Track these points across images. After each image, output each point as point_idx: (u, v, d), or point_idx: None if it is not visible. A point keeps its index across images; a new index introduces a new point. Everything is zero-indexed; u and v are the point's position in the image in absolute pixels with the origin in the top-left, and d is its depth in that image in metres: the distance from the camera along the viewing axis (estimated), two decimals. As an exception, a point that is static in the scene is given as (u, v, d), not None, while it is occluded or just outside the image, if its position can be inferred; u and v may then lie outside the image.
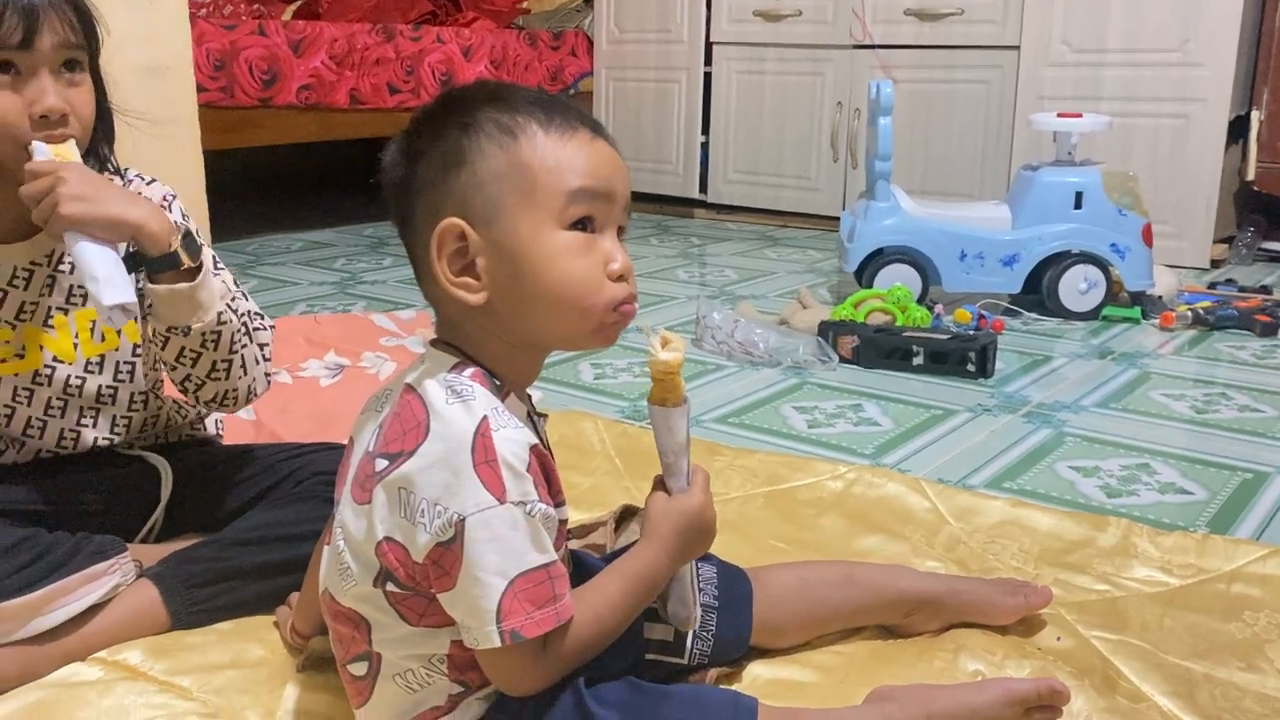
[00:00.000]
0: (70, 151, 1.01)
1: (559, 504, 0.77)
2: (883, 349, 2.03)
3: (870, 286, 2.39)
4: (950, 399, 1.85)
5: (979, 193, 3.23)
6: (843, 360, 2.05)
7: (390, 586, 0.75)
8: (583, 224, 0.76)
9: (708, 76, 3.83)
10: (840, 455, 1.57)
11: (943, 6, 3.27)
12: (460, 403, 0.73)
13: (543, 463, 0.74)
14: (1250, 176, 2.96)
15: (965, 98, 3.29)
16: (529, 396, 0.86)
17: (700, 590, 0.93)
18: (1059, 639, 1.04)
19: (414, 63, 3.46)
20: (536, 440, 0.75)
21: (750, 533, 1.28)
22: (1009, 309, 2.44)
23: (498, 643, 0.70)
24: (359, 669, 0.80)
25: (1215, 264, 2.98)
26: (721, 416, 1.76)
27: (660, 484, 0.84)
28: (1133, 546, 1.22)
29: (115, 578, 1.04)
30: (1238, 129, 2.93)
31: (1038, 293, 2.43)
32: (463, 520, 0.70)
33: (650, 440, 1.65)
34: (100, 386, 1.14)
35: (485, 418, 0.72)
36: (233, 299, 1.10)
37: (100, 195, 0.97)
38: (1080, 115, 2.43)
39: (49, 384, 1.11)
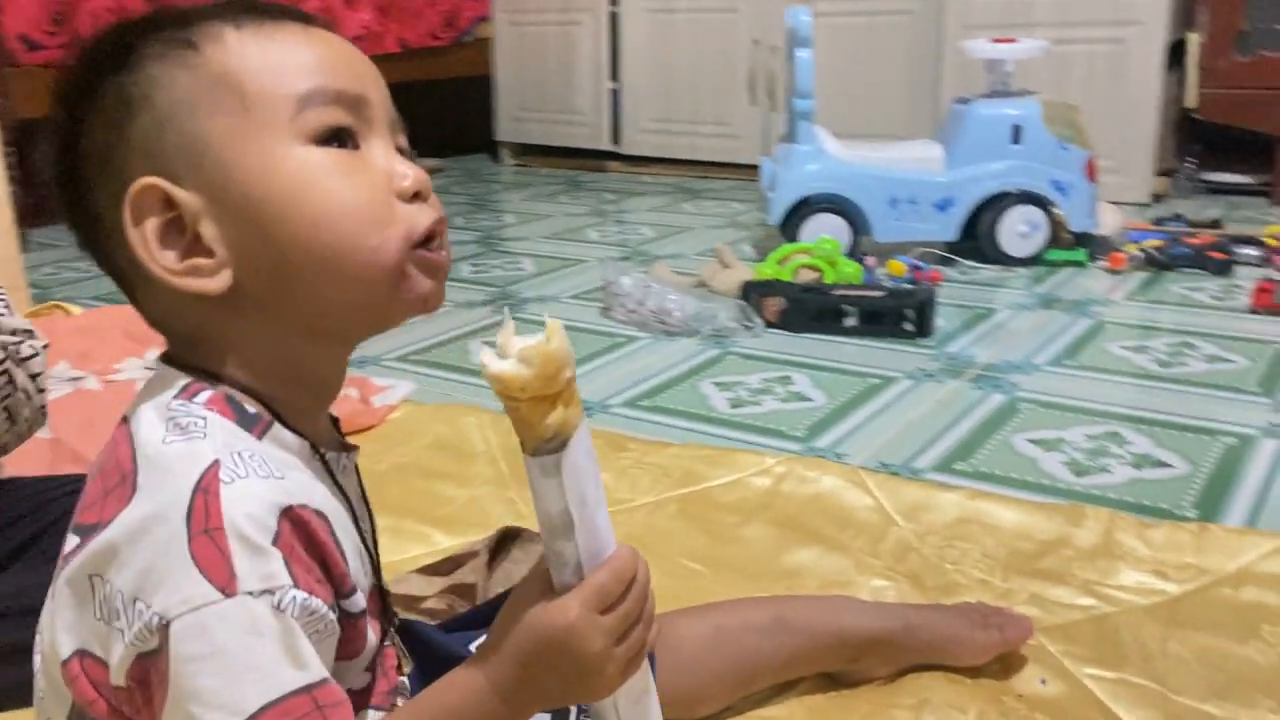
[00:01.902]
0: None
1: (345, 594, 0.52)
2: (812, 310, 1.81)
3: (795, 240, 2.17)
4: (888, 364, 1.64)
5: (906, 131, 3.00)
6: (768, 325, 1.82)
7: None
8: (336, 138, 0.52)
9: (614, 17, 3.55)
10: (768, 441, 1.35)
11: (861, -69, 3.04)
12: (183, 441, 0.49)
13: (307, 531, 0.49)
14: (1191, 104, 2.78)
15: (888, 29, 3.07)
16: (333, 423, 0.61)
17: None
18: (1044, 682, 0.82)
19: (288, 11, 3.12)
20: (301, 499, 0.49)
21: (659, 550, 1.05)
22: (944, 257, 2.23)
23: None
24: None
25: (1156, 198, 2.81)
26: (631, 399, 1.52)
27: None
28: (1117, 545, 1.02)
29: None
30: (1175, 54, 2.74)
31: (975, 238, 2.23)
32: (166, 625, 0.45)
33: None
34: None
35: (215, 464, 0.47)
36: None
37: None
38: (1015, 40, 2.22)
39: None
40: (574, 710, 0.69)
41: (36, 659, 0.54)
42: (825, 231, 2.15)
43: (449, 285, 0.57)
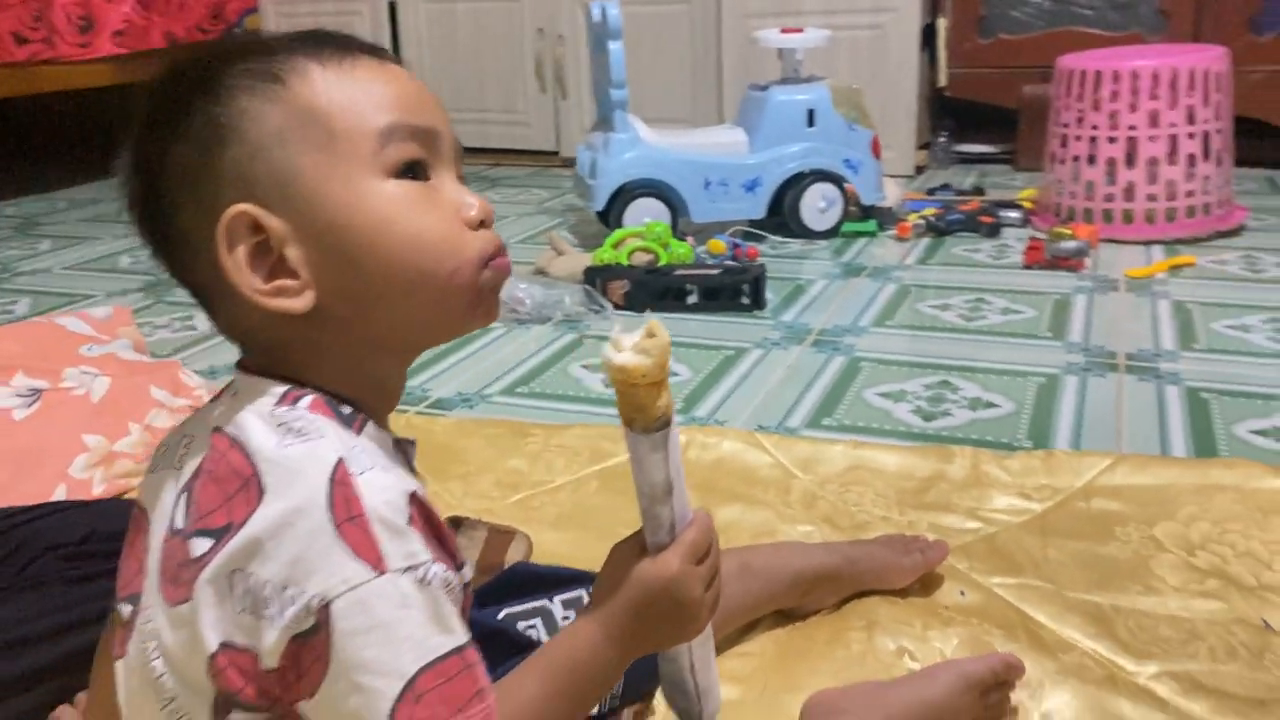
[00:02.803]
0: None
1: (459, 565, 0.58)
2: (656, 290, 1.93)
3: (619, 225, 2.27)
4: (734, 336, 1.78)
5: (693, 117, 3.19)
6: (616, 307, 1.92)
7: (237, 716, 0.54)
8: (411, 170, 0.58)
9: (392, 7, 3.52)
10: (652, 415, 1.45)
11: (638, -76, 3.16)
12: (301, 443, 0.53)
13: (426, 513, 0.55)
14: (942, 82, 3.10)
15: (668, 19, 3.21)
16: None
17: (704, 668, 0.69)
18: (963, 593, 0.98)
19: (43, 6, 2.92)
20: (415, 483, 0.55)
21: (593, 525, 1.13)
22: (752, 234, 2.41)
23: None
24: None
25: (919, 170, 3.11)
26: (507, 387, 1.59)
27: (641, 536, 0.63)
28: (984, 475, 1.19)
29: None
30: (927, 37, 3.04)
31: (780, 215, 2.41)
32: (326, 605, 0.50)
33: (449, 429, 1.46)
34: None
35: (341, 460, 0.52)
36: None
37: None
38: (802, 30, 2.41)
39: None
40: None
41: (155, 664, 0.56)
42: (646, 215, 2.27)
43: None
